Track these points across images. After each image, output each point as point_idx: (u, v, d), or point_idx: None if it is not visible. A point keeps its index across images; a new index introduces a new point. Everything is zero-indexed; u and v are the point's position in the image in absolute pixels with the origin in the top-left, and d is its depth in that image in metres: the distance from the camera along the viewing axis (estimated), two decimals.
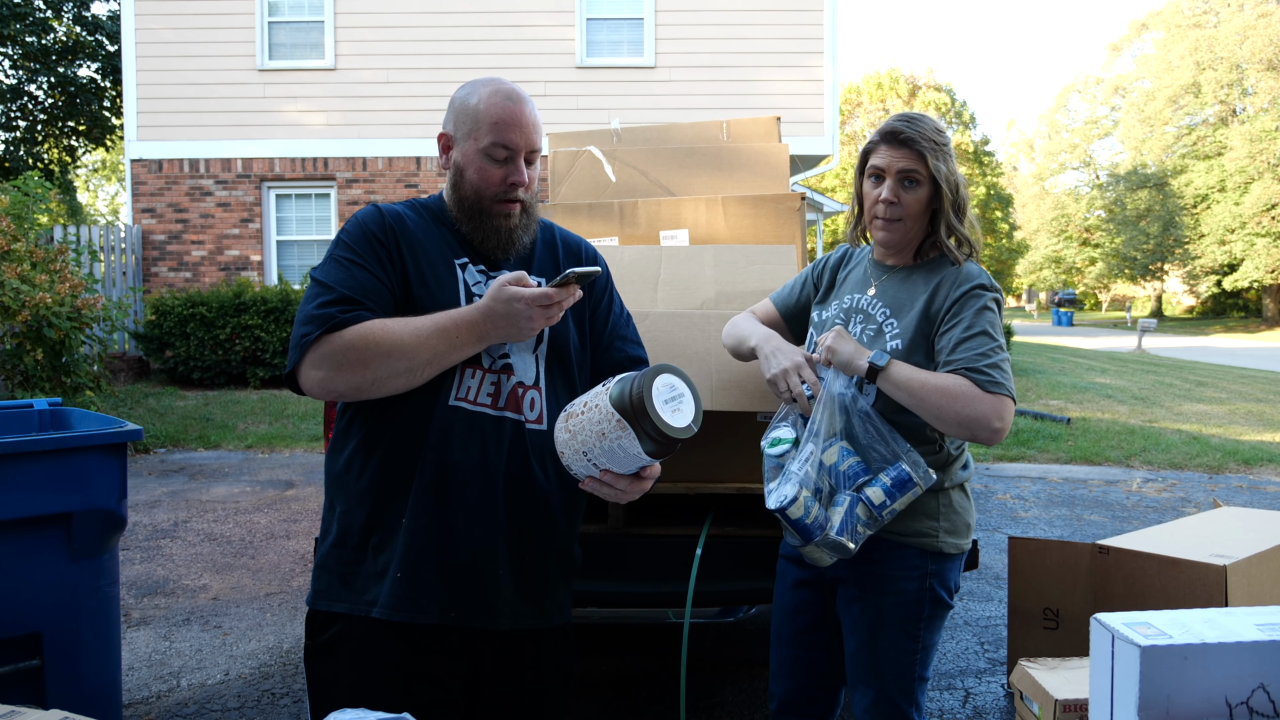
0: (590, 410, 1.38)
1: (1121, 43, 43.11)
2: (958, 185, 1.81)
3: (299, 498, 6.16)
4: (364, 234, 1.54)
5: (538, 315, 1.45)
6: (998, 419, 1.66)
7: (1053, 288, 48.72)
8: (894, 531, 1.79)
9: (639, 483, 1.45)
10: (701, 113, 11.21)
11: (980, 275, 1.80)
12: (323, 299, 1.46)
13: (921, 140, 1.77)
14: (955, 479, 1.84)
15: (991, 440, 1.68)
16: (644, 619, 2.63)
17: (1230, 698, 0.91)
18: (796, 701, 1.97)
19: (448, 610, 1.50)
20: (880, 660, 1.84)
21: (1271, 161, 32.15)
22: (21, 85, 18.41)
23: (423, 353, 1.44)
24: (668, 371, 1.38)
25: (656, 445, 1.34)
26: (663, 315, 2.42)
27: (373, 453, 1.53)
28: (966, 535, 1.87)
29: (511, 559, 1.55)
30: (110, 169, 36.22)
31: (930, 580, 1.81)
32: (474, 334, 1.46)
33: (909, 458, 1.73)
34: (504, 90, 1.57)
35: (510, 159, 1.55)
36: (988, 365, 1.68)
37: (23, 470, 2.25)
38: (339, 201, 12.28)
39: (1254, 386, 13.52)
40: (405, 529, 1.49)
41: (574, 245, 1.78)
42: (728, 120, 3.65)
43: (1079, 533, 5.44)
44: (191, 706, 3.08)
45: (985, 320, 1.74)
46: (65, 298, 7.18)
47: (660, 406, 1.33)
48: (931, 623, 1.83)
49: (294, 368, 1.46)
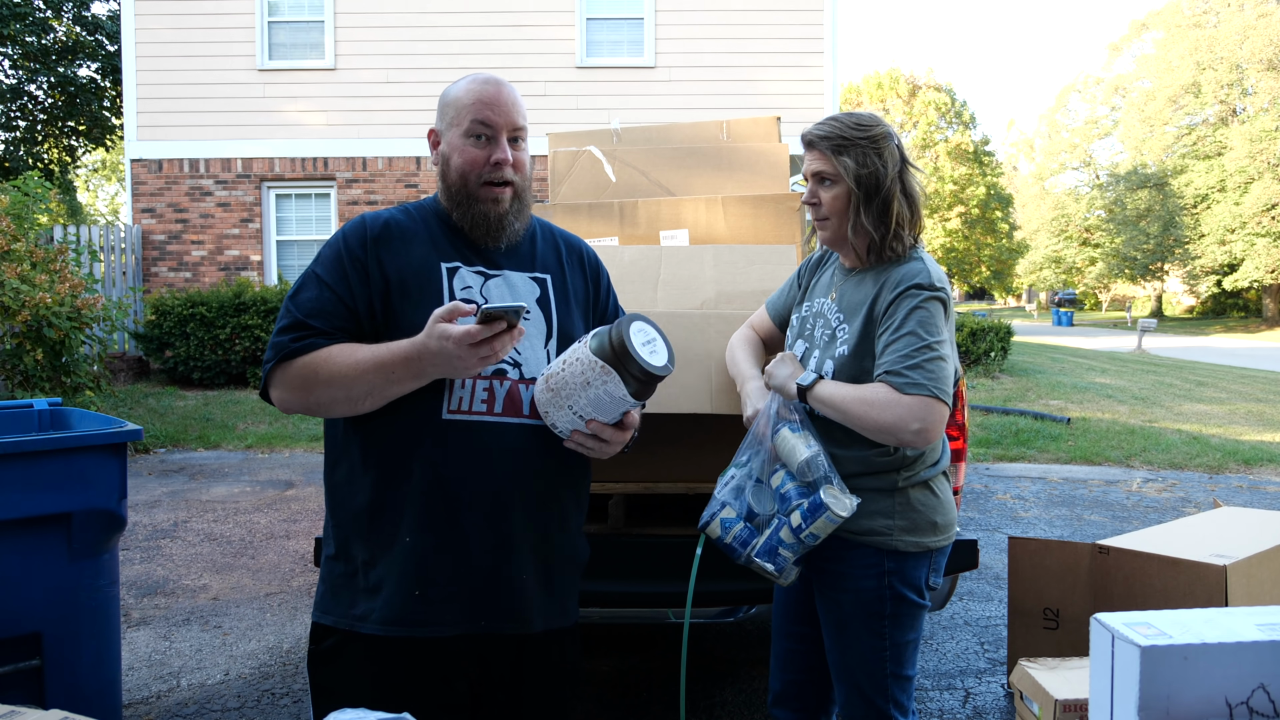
0: (572, 364, 1.46)
1: (1121, 43, 43.08)
2: (874, 178, 1.79)
3: (299, 498, 6.16)
4: (337, 253, 1.55)
5: (467, 355, 1.38)
6: (915, 421, 1.65)
7: (1053, 288, 48.70)
8: (849, 530, 1.82)
9: (622, 432, 1.54)
10: (701, 113, 11.21)
11: (920, 274, 1.77)
12: (283, 323, 1.52)
13: (826, 140, 1.81)
14: (918, 477, 1.83)
15: (915, 443, 1.68)
16: (644, 619, 2.63)
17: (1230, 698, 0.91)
18: (790, 693, 2.03)
19: (477, 620, 1.51)
20: (848, 656, 1.87)
21: (1271, 161, 32.14)
22: (21, 85, 18.41)
23: (359, 384, 1.45)
24: (639, 320, 1.48)
25: (639, 385, 1.46)
26: (663, 315, 2.41)
27: (366, 469, 1.53)
28: (933, 534, 1.84)
29: (535, 562, 1.56)
30: (110, 169, 36.21)
31: (889, 578, 1.81)
32: (410, 370, 1.43)
33: (830, 487, 1.76)
34: (481, 76, 1.60)
35: (492, 138, 1.55)
36: (907, 366, 1.68)
37: (23, 470, 2.25)
38: (339, 201, 12.28)
39: (1254, 386, 13.52)
40: (408, 546, 1.49)
41: (575, 244, 1.77)
42: (728, 120, 3.65)
43: (1079, 533, 5.44)
44: (191, 706, 3.08)
45: (915, 320, 1.72)
46: (65, 298, 7.18)
47: (640, 348, 1.44)
48: (899, 621, 1.83)
49: (264, 388, 1.55)
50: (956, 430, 2.90)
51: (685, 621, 2.11)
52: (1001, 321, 13.59)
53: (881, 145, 1.82)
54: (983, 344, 12.83)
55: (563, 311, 1.64)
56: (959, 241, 40.22)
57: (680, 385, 2.27)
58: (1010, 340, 13.19)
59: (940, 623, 3.92)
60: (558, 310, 1.64)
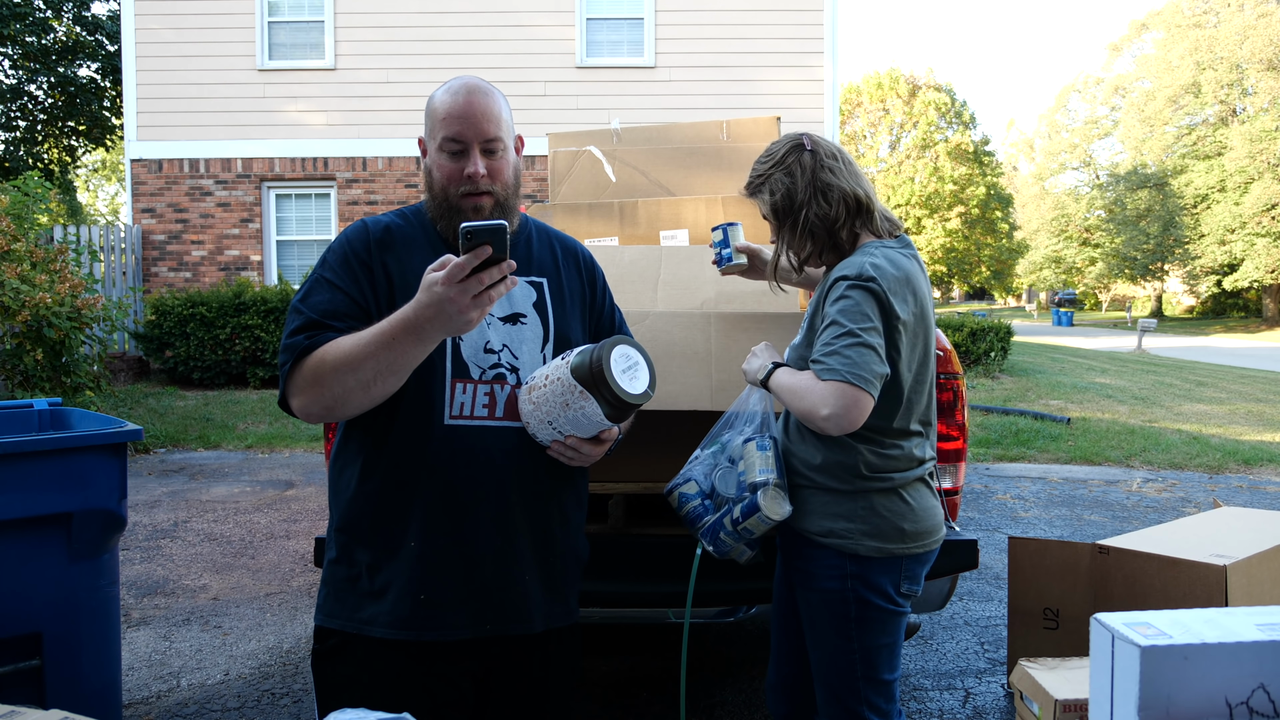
0: (553, 383, 1.47)
1: (1121, 43, 43.07)
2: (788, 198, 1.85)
3: (299, 498, 6.16)
4: (345, 256, 1.55)
5: (459, 295, 1.29)
6: (825, 406, 1.66)
7: (1053, 288, 48.69)
8: (812, 530, 1.83)
9: (598, 446, 1.54)
10: (701, 113, 11.21)
11: (850, 267, 1.78)
12: (294, 325, 1.49)
13: (747, 186, 1.95)
14: (884, 482, 1.81)
15: (829, 429, 1.68)
16: (644, 619, 2.63)
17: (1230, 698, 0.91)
18: (785, 686, 2.05)
19: (482, 624, 1.51)
20: (819, 656, 1.87)
21: (1271, 161, 32.13)
22: (21, 85, 18.40)
23: (368, 363, 1.38)
24: (623, 343, 1.50)
25: (615, 410, 1.47)
26: (663, 315, 2.42)
27: (371, 475, 1.53)
28: (901, 541, 1.81)
29: (537, 563, 1.57)
30: (110, 169, 36.21)
31: (851, 582, 1.80)
32: (410, 332, 1.35)
33: (770, 489, 1.80)
34: (456, 85, 1.56)
35: (464, 152, 1.54)
36: (825, 354, 1.70)
37: (23, 470, 2.25)
38: (339, 201, 12.28)
39: (1254, 386, 13.52)
40: (414, 551, 1.49)
41: (571, 246, 1.77)
42: (728, 120, 3.65)
43: (1079, 533, 5.44)
44: (191, 706, 3.08)
45: (838, 309, 1.73)
46: (65, 298, 7.18)
47: (619, 375, 1.46)
48: (865, 625, 1.81)
49: (283, 397, 1.50)
50: (956, 430, 2.90)
51: (685, 621, 2.12)
52: (1001, 321, 13.59)
53: (790, 164, 1.85)
54: (983, 344, 12.83)
55: (559, 314, 1.64)
56: (959, 241, 40.21)
57: (681, 384, 2.27)
58: (1010, 340, 13.19)
59: (940, 623, 3.92)
60: (554, 313, 1.64)
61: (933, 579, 2.57)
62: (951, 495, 2.92)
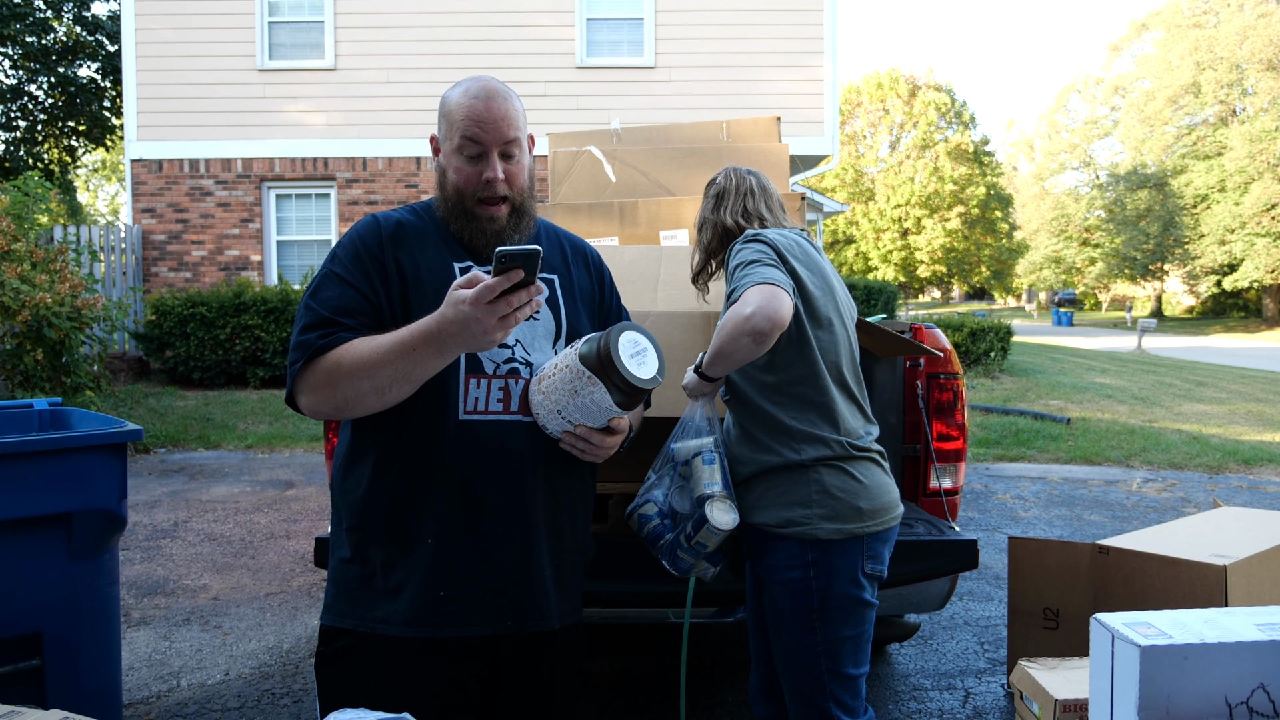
0: (561, 370, 1.47)
1: (1121, 43, 43.07)
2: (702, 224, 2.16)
3: (299, 498, 6.16)
4: (355, 250, 1.54)
5: (485, 316, 1.30)
6: (746, 307, 1.71)
7: (1053, 288, 48.66)
8: (768, 523, 1.84)
9: (610, 437, 1.53)
10: (701, 113, 11.21)
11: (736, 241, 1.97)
12: (305, 321, 1.48)
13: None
14: (829, 457, 1.83)
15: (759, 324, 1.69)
16: (644, 619, 2.63)
17: (1230, 698, 0.91)
18: (766, 689, 2.05)
19: (503, 619, 1.51)
20: (783, 653, 1.87)
21: (1271, 161, 32.13)
22: (21, 85, 18.40)
23: (385, 370, 1.39)
24: (631, 329, 1.48)
25: (625, 395, 1.46)
26: (663, 315, 2.42)
27: (385, 472, 1.51)
28: (859, 520, 1.81)
29: (552, 559, 1.57)
30: (110, 169, 36.21)
31: (813, 569, 1.80)
32: (431, 345, 1.35)
33: (716, 499, 1.82)
34: (474, 88, 1.54)
35: (482, 155, 1.53)
36: (733, 286, 1.81)
37: (23, 470, 2.25)
38: (339, 201, 12.28)
39: (1254, 386, 13.52)
40: (431, 548, 1.48)
41: (579, 245, 1.77)
42: (728, 120, 3.65)
43: (1079, 533, 5.44)
44: (191, 706, 3.08)
45: (734, 261, 1.87)
46: (65, 298, 7.18)
47: (627, 360, 1.44)
48: (828, 615, 1.81)
49: (291, 393, 1.50)
50: (956, 430, 2.90)
51: (685, 621, 2.12)
52: (1001, 321, 13.59)
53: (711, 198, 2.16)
54: (983, 344, 12.83)
55: (571, 310, 1.64)
56: (959, 241, 40.21)
57: (680, 385, 2.27)
58: (1010, 340, 13.19)
59: (940, 623, 3.92)
60: (566, 309, 1.64)
61: (933, 579, 2.57)
62: (951, 495, 2.92)
